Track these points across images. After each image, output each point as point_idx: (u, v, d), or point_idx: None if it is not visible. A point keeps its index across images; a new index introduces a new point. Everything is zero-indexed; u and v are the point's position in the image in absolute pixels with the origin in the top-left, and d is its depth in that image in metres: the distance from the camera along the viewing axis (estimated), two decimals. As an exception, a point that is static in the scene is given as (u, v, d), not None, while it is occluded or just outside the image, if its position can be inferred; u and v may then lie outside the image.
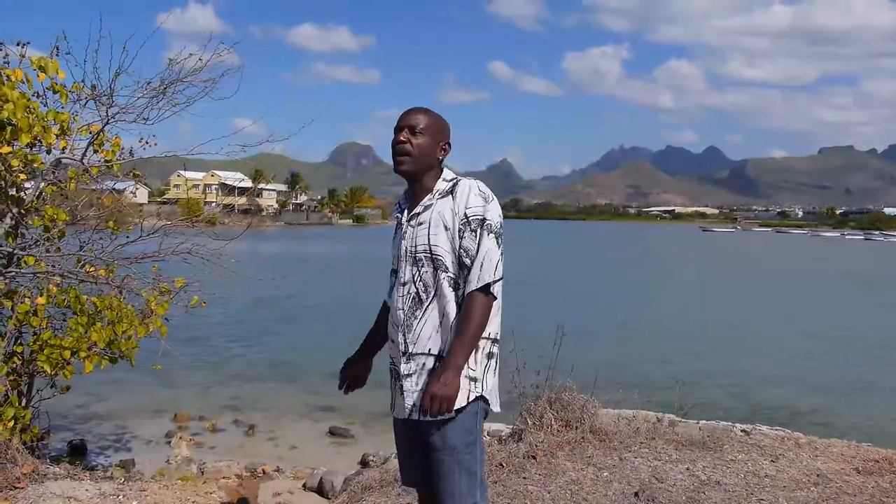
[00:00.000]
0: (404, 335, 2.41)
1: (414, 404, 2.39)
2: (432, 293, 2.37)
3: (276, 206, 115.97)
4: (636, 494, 3.96)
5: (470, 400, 2.35)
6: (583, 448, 4.60)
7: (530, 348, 5.06)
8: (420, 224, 2.41)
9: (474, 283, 2.31)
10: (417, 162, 2.42)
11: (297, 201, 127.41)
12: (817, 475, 4.29)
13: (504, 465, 4.36)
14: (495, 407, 2.47)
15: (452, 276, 2.36)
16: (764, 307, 25.34)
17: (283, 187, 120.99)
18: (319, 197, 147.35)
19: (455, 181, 2.44)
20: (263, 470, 7.40)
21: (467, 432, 2.35)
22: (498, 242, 2.36)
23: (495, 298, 2.36)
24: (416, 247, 2.40)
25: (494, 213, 2.38)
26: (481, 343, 2.37)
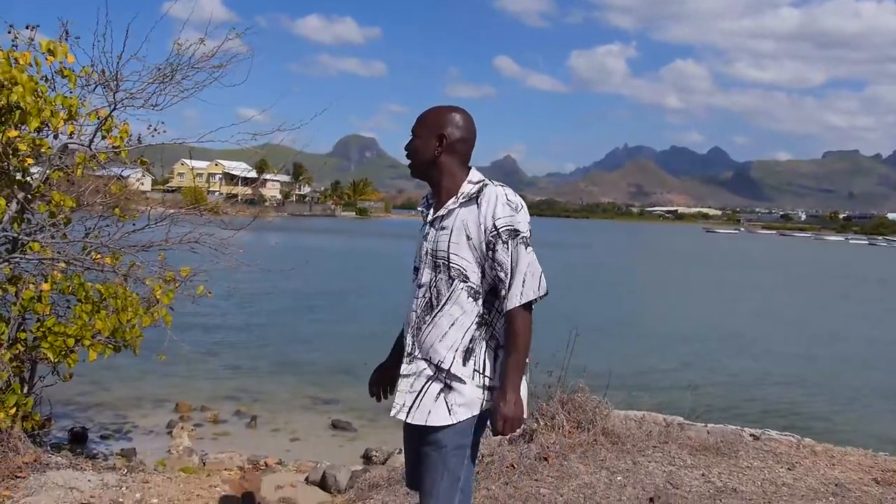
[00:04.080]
0: (413, 336, 2.36)
1: (404, 404, 2.34)
2: (444, 300, 2.30)
3: (279, 196, 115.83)
4: (651, 500, 3.87)
5: (483, 408, 2.30)
6: (595, 451, 4.51)
7: (541, 347, 4.98)
8: (442, 229, 2.33)
9: (517, 300, 2.22)
10: (415, 163, 2.42)
11: (301, 192, 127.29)
12: (835, 485, 4.21)
13: (515, 466, 4.27)
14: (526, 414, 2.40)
15: (473, 286, 2.29)
16: (780, 311, 25.22)
17: (286, 178, 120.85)
18: (322, 188, 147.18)
19: (482, 185, 2.34)
20: (266, 462, 7.32)
21: (460, 434, 2.29)
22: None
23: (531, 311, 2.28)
24: (436, 251, 2.33)
25: (525, 223, 2.28)
26: (501, 352, 2.31)
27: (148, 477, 4.66)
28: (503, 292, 2.25)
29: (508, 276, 2.23)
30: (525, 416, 2.37)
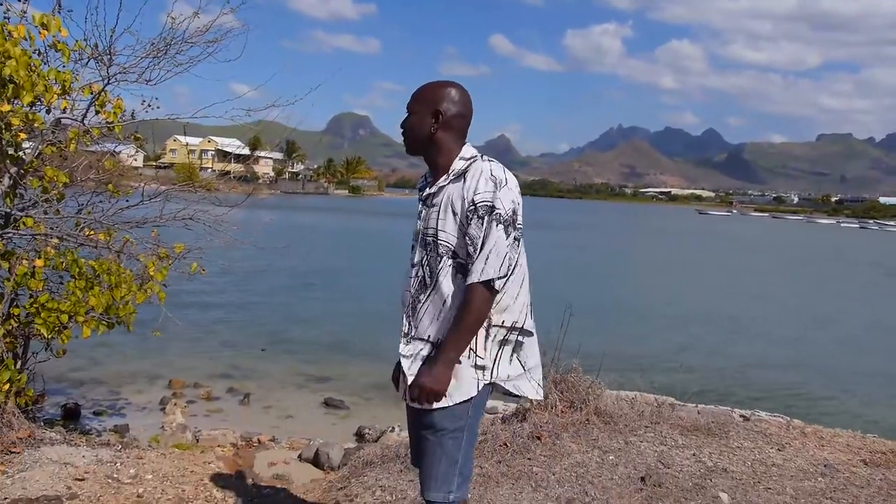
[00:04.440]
0: (408, 317, 2.36)
1: (409, 385, 2.35)
2: (436, 279, 2.30)
3: (272, 174, 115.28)
4: (642, 479, 3.91)
5: (480, 389, 2.30)
6: (588, 430, 4.55)
7: (536, 328, 4.97)
8: (433, 206, 2.33)
9: (477, 276, 2.20)
10: (411, 140, 2.39)
11: (294, 170, 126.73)
12: (824, 465, 4.26)
13: (508, 444, 4.31)
14: (532, 394, 2.42)
15: (463, 262, 2.27)
16: (773, 294, 25.27)
17: (279, 155, 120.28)
18: (316, 166, 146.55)
19: (472, 161, 2.32)
20: (259, 439, 7.35)
21: (457, 417, 2.29)
22: (508, 232, 2.21)
23: (497, 292, 2.24)
24: (426, 229, 2.33)
25: (506, 201, 2.22)
26: (493, 331, 2.29)
27: (142, 453, 4.67)
28: (469, 267, 2.23)
29: (477, 251, 2.21)
30: (538, 396, 2.43)
